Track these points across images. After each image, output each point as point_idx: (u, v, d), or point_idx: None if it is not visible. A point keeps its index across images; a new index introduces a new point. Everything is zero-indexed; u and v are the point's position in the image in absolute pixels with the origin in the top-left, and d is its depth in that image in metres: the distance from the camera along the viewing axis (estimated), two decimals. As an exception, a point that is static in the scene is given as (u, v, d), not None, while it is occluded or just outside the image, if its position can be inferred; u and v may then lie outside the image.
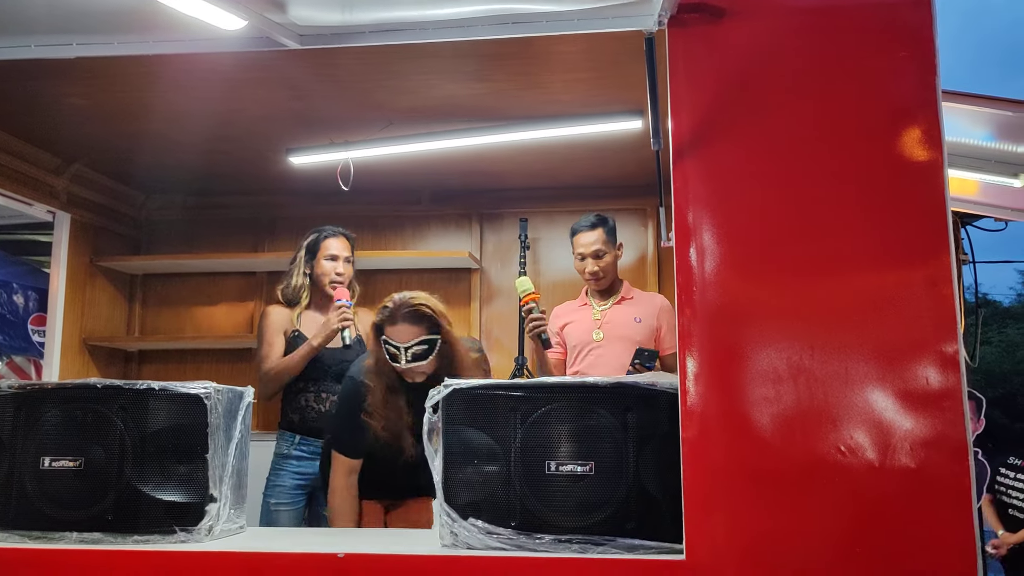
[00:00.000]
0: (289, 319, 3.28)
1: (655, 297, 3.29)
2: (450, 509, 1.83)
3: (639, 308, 3.20)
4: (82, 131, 3.40)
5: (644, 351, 2.98)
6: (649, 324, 3.15)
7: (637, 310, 3.19)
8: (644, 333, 3.15)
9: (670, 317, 3.13)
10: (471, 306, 4.23)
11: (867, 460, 1.63)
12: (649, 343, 3.11)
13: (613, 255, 3.20)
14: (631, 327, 3.17)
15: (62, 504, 1.95)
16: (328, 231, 3.31)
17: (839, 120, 1.76)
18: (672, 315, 3.10)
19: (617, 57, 2.62)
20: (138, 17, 1.95)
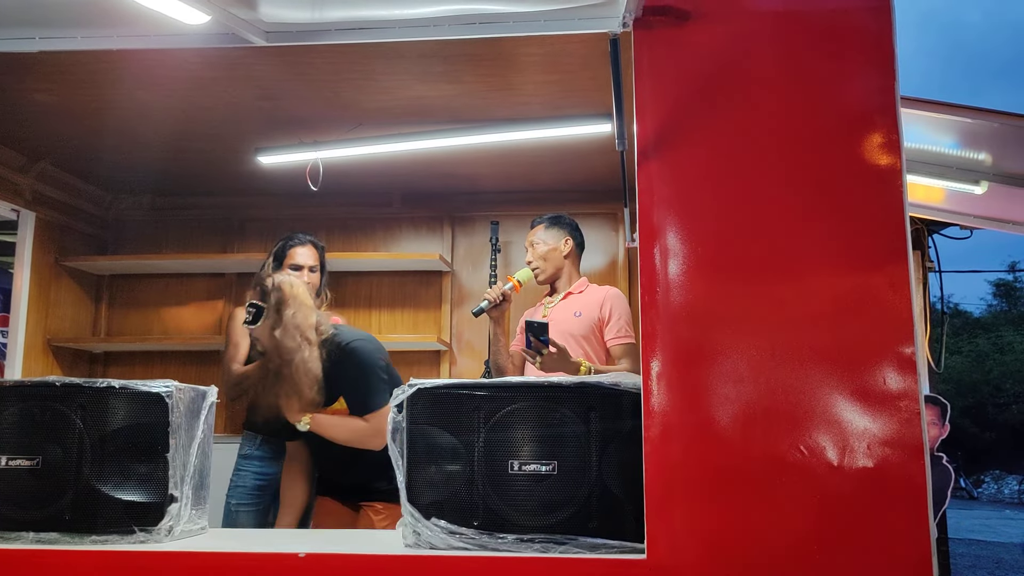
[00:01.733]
0: None
1: (605, 289, 3.13)
2: (413, 509, 1.82)
3: (583, 302, 3.09)
4: (48, 128, 3.35)
5: (533, 323, 2.75)
6: (590, 316, 3.03)
7: (580, 304, 3.08)
8: (583, 327, 3.03)
9: (619, 305, 3.04)
10: (442, 309, 4.23)
11: (826, 460, 1.65)
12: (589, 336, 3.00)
13: (553, 248, 3.09)
14: (570, 322, 3.06)
15: (18, 504, 1.92)
16: (296, 240, 3.25)
17: (800, 124, 1.78)
18: (622, 303, 3.04)
19: (586, 60, 2.64)
20: (102, 11, 1.93)
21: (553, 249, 3.08)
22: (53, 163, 3.75)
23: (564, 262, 3.12)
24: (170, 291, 4.37)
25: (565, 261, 3.12)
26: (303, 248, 3.24)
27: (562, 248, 3.10)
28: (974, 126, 3.08)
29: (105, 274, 4.33)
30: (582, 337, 3.00)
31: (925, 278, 5.38)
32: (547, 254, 3.08)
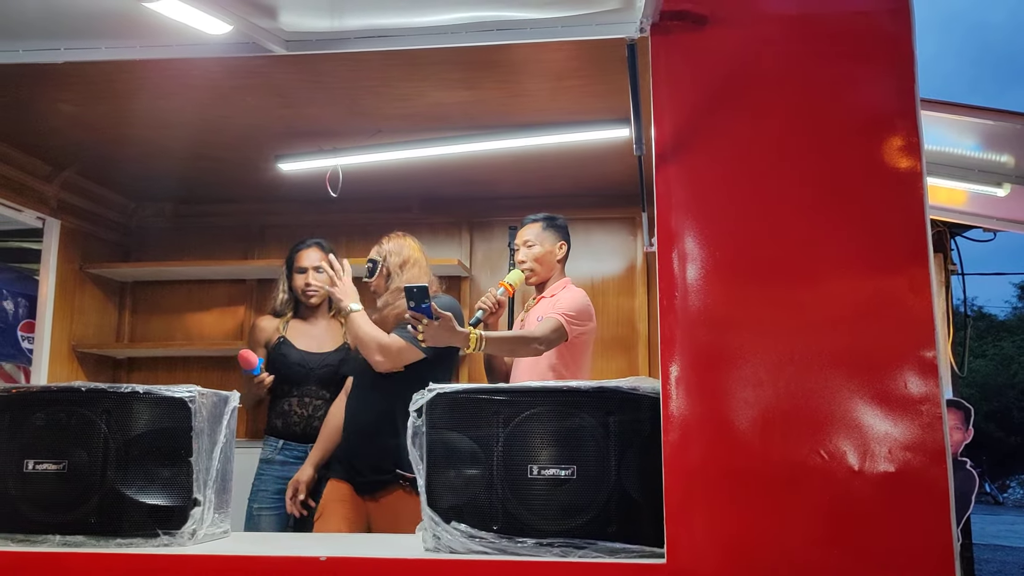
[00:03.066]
0: (276, 328, 3.33)
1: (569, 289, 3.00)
2: (433, 513, 1.83)
3: (550, 304, 2.93)
4: (73, 138, 3.40)
5: (411, 288, 2.51)
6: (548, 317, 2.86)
7: (546, 307, 2.93)
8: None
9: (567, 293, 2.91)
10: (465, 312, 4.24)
11: (847, 464, 1.64)
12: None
13: (548, 251, 2.99)
14: (533, 326, 2.91)
15: (45, 507, 1.95)
16: (301, 244, 3.35)
17: (819, 127, 1.78)
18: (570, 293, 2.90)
19: (604, 65, 2.65)
20: (125, 22, 1.96)
21: (548, 252, 3.00)
22: (77, 172, 3.80)
23: (556, 266, 3.02)
24: (192, 297, 4.42)
25: (557, 265, 3.03)
26: (307, 250, 3.31)
27: (556, 252, 3.02)
28: (996, 128, 3.06)
29: (128, 281, 4.38)
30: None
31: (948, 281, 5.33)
32: (541, 257, 2.99)
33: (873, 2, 1.79)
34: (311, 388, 3.23)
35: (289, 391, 3.23)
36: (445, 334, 2.56)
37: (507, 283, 2.89)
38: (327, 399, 3.22)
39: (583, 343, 2.91)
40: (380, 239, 3.05)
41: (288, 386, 3.23)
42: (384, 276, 2.96)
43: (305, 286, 3.29)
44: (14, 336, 4.03)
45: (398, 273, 2.94)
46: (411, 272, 2.95)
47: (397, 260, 2.97)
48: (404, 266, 2.96)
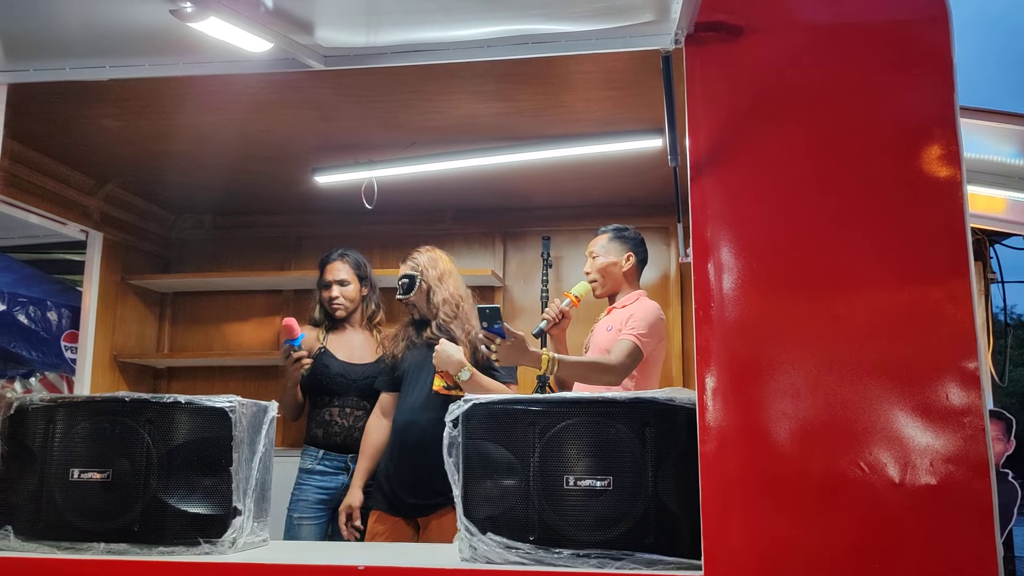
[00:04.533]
0: (316, 338, 3.37)
1: (642, 300, 2.94)
2: (469, 523, 1.84)
3: (619, 315, 2.89)
4: (115, 152, 3.48)
5: (484, 309, 2.55)
6: (618, 330, 2.82)
7: (615, 319, 2.89)
8: (609, 342, 2.82)
9: (640, 309, 2.83)
10: (495, 324, 4.25)
11: (887, 477, 1.63)
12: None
13: (613, 263, 2.96)
14: (600, 336, 2.91)
15: (90, 515, 1.99)
16: (328, 257, 3.41)
17: (857, 137, 1.77)
18: (644, 308, 2.83)
19: (637, 76, 2.65)
20: (169, 40, 2.01)
21: (613, 263, 2.96)
22: (120, 185, 3.88)
23: (623, 278, 2.97)
24: (230, 308, 4.48)
25: (626, 275, 2.98)
26: (332, 264, 3.37)
27: (623, 264, 2.97)
28: (1038, 135, 3.01)
29: (168, 292, 4.46)
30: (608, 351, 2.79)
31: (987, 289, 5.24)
32: (606, 268, 2.95)
33: (911, 10, 1.77)
34: (352, 399, 3.27)
35: (330, 401, 3.27)
36: (517, 354, 2.56)
37: (573, 295, 2.88)
38: (367, 410, 3.25)
39: (655, 358, 2.88)
40: (410, 253, 3.07)
41: (329, 396, 3.27)
42: (424, 290, 2.97)
43: (329, 300, 3.33)
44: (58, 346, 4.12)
45: (438, 285, 2.96)
46: (449, 283, 2.98)
47: (435, 273, 2.99)
48: (443, 278, 2.99)
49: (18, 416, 2.09)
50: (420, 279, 2.98)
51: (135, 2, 1.81)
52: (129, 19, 1.92)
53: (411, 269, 3.02)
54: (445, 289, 2.97)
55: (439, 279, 2.99)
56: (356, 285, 3.37)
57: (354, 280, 3.37)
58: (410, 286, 2.98)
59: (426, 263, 3.01)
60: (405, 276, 3.02)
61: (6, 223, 3.56)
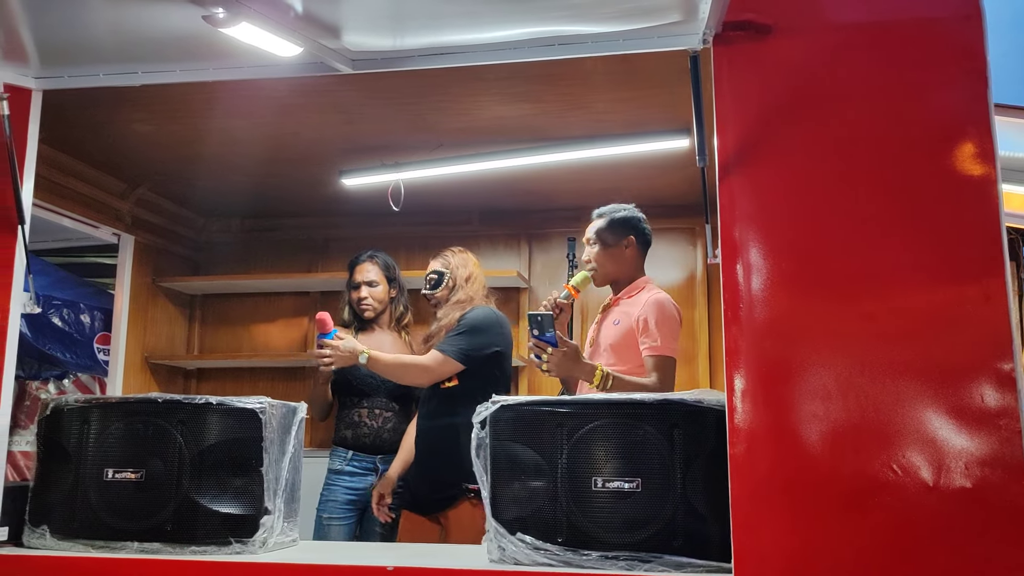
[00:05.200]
0: None
1: (647, 296, 2.68)
2: (497, 524, 1.85)
3: (624, 310, 2.69)
4: (146, 156, 3.52)
5: (536, 316, 2.39)
6: (626, 325, 2.64)
7: (622, 312, 2.70)
8: (618, 337, 2.65)
9: (654, 313, 2.59)
10: (519, 325, 4.25)
11: (920, 479, 1.61)
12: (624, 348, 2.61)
13: (609, 249, 2.74)
14: (608, 331, 2.71)
15: (124, 514, 2.03)
16: (357, 258, 3.44)
17: (888, 135, 1.75)
18: (657, 310, 2.59)
19: (663, 77, 2.64)
20: (200, 45, 2.03)
21: (610, 250, 2.73)
22: (151, 189, 3.93)
23: (624, 264, 2.75)
24: (258, 309, 4.52)
25: (626, 262, 2.75)
26: (361, 265, 3.40)
27: (622, 251, 2.74)
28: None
29: (198, 294, 4.51)
30: (619, 348, 2.63)
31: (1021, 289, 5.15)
32: (601, 255, 2.73)
33: (944, 8, 1.75)
34: (380, 400, 3.29)
35: (359, 403, 3.29)
36: (570, 364, 2.42)
37: (571, 285, 2.68)
38: (396, 411, 3.27)
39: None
40: (442, 252, 3.10)
41: (358, 397, 3.29)
42: (450, 288, 3.01)
43: (358, 300, 3.35)
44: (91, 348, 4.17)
45: (463, 286, 3.00)
46: (474, 287, 3.01)
47: (464, 273, 3.02)
48: (469, 280, 3.01)
49: (54, 417, 2.13)
50: (448, 277, 3.01)
51: (167, 9, 1.83)
52: (161, 25, 1.94)
53: (442, 266, 3.05)
54: (466, 292, 2.99)
55: (466, 280, 3.02)
56: (385, 286, 3.40)
57: (383, 281, 3.39)
58: (438, 282, 3.02)
59: (458, 263, 3.05)
60: (434, 272, 3.05)
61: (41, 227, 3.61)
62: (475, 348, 2.87)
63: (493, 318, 2.97)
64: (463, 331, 2.90)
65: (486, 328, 2.92)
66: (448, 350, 2.84)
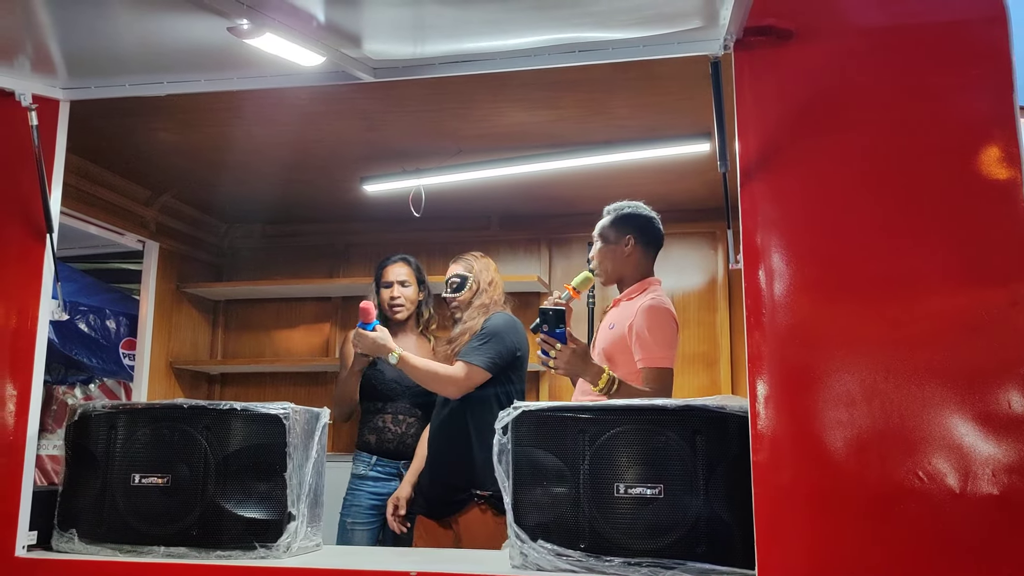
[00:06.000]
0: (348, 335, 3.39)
1: (641, 301, 2.58)
2: (519, 530, 1.85)
3: (621, 312, 2.62)
4: (170, 164, 3.57)
5: (547, 311, 2.35)
6: (619, 332, 2.56)
7: (618, 315, 2.63)
8: (610, 342, 2.58)
9: (646, 320, 2.49)
10: (540, 330, 4.26)
11: (947, 487, 1.59)
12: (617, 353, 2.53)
13: (610, 247, 2.69)
14: (604, 334, 2.65)
15: (150, 519, 2.05)
16: (388, 260, 3.45)
17: (913, 140, 1.74)
18: (649, 318, 2.49)
19: (684, 82, 2.64)
20: (224, 55, 2.05)
21: (612, 249, 2.68)
22: (175, 196, 3.98)
23: (625, 264, 2.68)
24: (280, 315, 4.56)
25: (628, 261, 2.68)
26: (393, 266, 3.40)
27: (623, 249, 2.67)
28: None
29: (221, 299, 4.55)
30: (612, 354, 2.56)
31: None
32: (604, 253, 2.69)
33: (967, 11, 1.74)
34: (404, 405, 3.30)
35: (383, 408, 3.30)
36: (579, 363, 2.37)
37: (572, 286, 2.60)
38: (419, 416, 3.28)
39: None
40: (463, 256, 3.10)
41: (382, 402, 3.30)
42: (473, 292, 3.01)
43: (391, 299, 3.36)
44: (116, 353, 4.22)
45: (486, 290, 3.00)
46: (496, 292, 3.02)
47: (487, 277, 3.03)
48: (491, 284, 3.02)
49: (82, 423, 2.16)
50: (472, 280, 3.01)
51: (192, 20, 1.85)
52: (186, 36, 1.97)
53: (464, 270, 3.05)
54: (489, 296, 3.00)
55: (488, 284, 3.03)
56: (415, 287, 3.41)
57: (414, 283, 3.41)
58: (460, 286, 3.02)
59: (480, 267, 3.05)
60: (457, 276, 3.05)
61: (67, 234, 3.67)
62: (500, 356, 2.87)
63: (513, 324, 2.98)
64: (488, 339, 2.88)
65: (509, 334, 2.93)
66: (476, 361, 2.83)
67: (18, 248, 2.22)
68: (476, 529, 2.78)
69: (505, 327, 2.93)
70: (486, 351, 2.85)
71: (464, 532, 2.81)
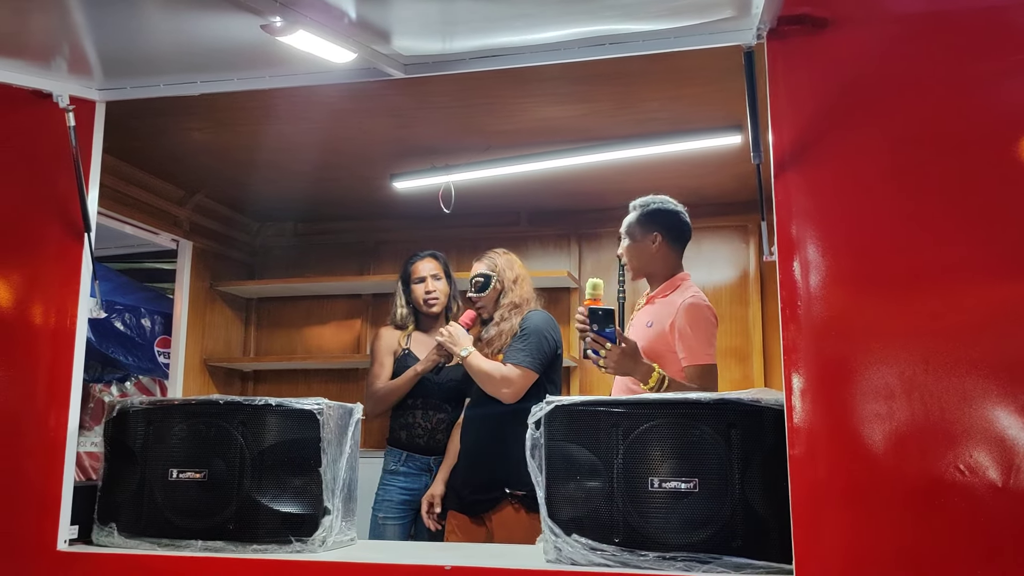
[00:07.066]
0: (398, 340, 3.42)
1: (680, 298, 2.58)
2: (553, 524, 1.85)
3: (659, 310, 2.61)
4: (204, 164, 3.61)
5: (596, 311, 2.35)
6: (659, 330, 2.55)
7: (655, 313, 2.62)
8: (650, 339, 2.56)
9: (689, 318, 2.50)
10: (570, 325, 4.25)
11: (989, 480, 1.57)
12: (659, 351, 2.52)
13: (636, 243, 2.68)
14: (642, 332, 2.61)
15: (188, 513, 2.08)
16: (415, 257, 3.46)
17: (951, 129, 1.71)
18: (692, 316, 2.50)
19: (714, 73, 2.61)
20: (256, 54, 2.07)
21: (638, 245, 2.67)
22: (208, 195, 4.02)
23: (653, 260, 2.67)
24: (311, 312, 4.59)
25: (656, 257, 2.67)
26: (422, 262, 3.41)
27: (649, 246, 2.66)
28: None
29: (253, 297, 4.60)
30: (652, 353, 2.52)
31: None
32: (632, 250, 2.68)
33: (1007, -5, 1.71)
34: (434, 401, 3.31)
35: (413, 404, 3.32)
36: (629, 362, 2.37)
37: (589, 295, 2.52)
38: (449, 412, 3.29)
39: None
40: (486, 254, 3.09)
41: (412, 399, 3.32)
42: (497, 291, 3.00)
43: (426, 294, 3.37)
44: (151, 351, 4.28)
45: (511, 288, 2.98)
46: (522, 288, 3.00)
47: (511, 275, 3.01)
48: (516, 281, 3.00)
49: (120, 419, 2.19)
50: (495, 279, 3.00)
51: (226, 19, 1.87)
52: (219, 36, 1.99)
53: (488, 268, 3.04)
54: (515, 293, 2.98)
55: (513, 282, 3.01)
56: (445, 282, 3.43)
57: (444, 277, 3.43)
58: (484, 285, 3.01)
59: (504, 265, 3.03)
60: (480, 275, 3.03)
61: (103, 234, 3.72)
62: (544, 354, 2.88)
63: (551, 321, 2.98)
64: (529, 338, 2.87)
65: (550, 332, 2.92)
66: (526, 362, 2.82)
67: (57, 248, 2.25)
68: (509, 526, 2.78)
69: (544, 325, 2.93)
70: (532, 351, 2.84)
71: (497, 528, 2.82)
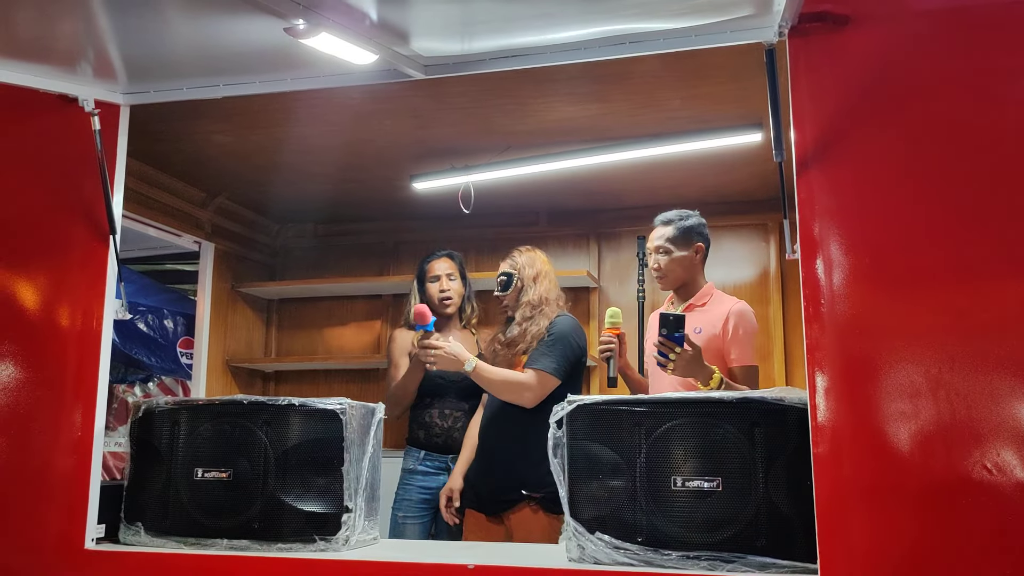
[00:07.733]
0: (412, 341, 3.41)
1: (728, 302, 2.76)
2: (576, 523, 1.85)
3: (704, 317, 2.74)
4: (225, 166, 3.64)
5: (668, 316, 2.45)
6: (710, 334, 2.68)
7: (701, 319, 2.74)
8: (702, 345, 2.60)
9: (741, 323, 2.68)
10: (590, 324, 4.25)
11: (1017, 478, 1.55)
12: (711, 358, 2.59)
13: (680, 256, 2.77)
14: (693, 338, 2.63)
15: (213, 512, 2.10)
16: (431, 256, 3.47)
17: (975, 124, 1.69)
18: (744, 320, 2.68)
19: (734, 71, 2.60)
20: (278, 57, 2.09)
21: (682, 257, 2.78)
22: (229, 198, 4.06)
23: (693, 270, 2.81)
24: (332, 313, 4.62)
25: (696, 268, 2.82)
26: (437, 261, 3.42)
27: (693, 257, 2.80)
28: None
29: (274, 298, 4.63)
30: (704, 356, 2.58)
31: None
32: (677, 261, 2.78)
33: (1033, -11, 1.69)
34: (451, 400, 3.32)
35: (430, 403, 3.33)
36: (695, 366, 2.46)
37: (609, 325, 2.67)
38: (466, 411, 3.30)
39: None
40: (510, 253, 3.10)
41: (429, 398, 3.33)
42: (518, 289, 3.01)
43: (440, 293, 3.38)
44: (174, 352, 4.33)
45: (531, 286, 2.98)
46: (543, 285, 2.99)
47: (531, 272, 3.01)
48: (537, 279, 3.00)
49: (146, 419, 2.21)
50: (516, 278, 3.01)
51: (248, 23, 1.89)
52: (242, 39, 2.01)
53: (510, 267, 3.05)
54: (535, 291, 2.98)
55: (533, 279, 3.01)
56: (460, 282, 3.44)
57: (459, 277, 3.44)
58: (507, 284, 3.02)
59: (524, 263, 3.03)
60: (503, 274, 3.05)
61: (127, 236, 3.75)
62: (568, 361, 2.86)
63: (578, 327, 2.96)
64: (556, 343, 2.85)
65: (576, 338, 2.91)
66: (549, 368, 2.80)
67: (83, 250, 2.28)
68: (528, 526, 2.79)
69: (571, 331, 2.91)
70: (556, 357, 2.83)
71: (516, 529, 2.82)
